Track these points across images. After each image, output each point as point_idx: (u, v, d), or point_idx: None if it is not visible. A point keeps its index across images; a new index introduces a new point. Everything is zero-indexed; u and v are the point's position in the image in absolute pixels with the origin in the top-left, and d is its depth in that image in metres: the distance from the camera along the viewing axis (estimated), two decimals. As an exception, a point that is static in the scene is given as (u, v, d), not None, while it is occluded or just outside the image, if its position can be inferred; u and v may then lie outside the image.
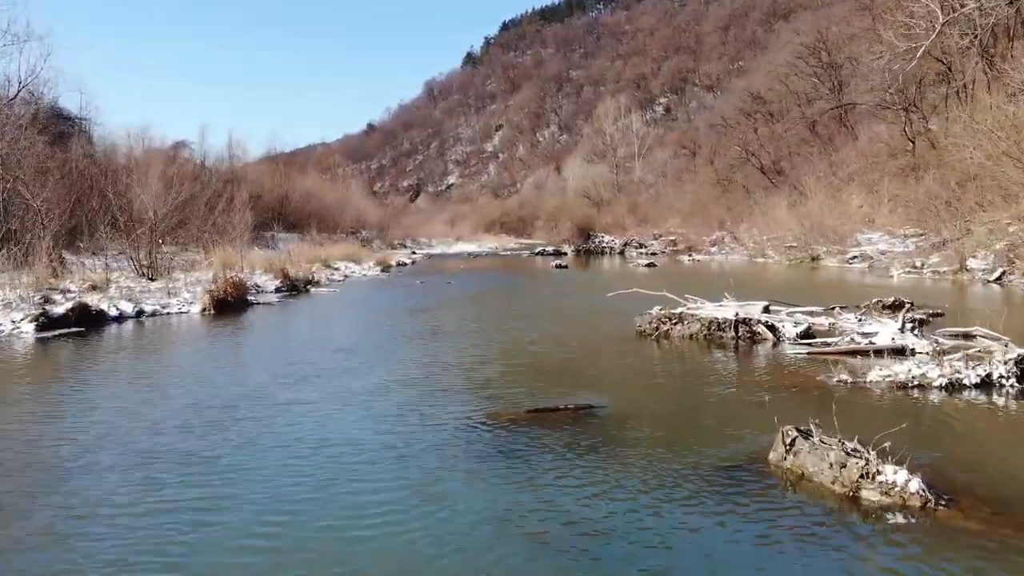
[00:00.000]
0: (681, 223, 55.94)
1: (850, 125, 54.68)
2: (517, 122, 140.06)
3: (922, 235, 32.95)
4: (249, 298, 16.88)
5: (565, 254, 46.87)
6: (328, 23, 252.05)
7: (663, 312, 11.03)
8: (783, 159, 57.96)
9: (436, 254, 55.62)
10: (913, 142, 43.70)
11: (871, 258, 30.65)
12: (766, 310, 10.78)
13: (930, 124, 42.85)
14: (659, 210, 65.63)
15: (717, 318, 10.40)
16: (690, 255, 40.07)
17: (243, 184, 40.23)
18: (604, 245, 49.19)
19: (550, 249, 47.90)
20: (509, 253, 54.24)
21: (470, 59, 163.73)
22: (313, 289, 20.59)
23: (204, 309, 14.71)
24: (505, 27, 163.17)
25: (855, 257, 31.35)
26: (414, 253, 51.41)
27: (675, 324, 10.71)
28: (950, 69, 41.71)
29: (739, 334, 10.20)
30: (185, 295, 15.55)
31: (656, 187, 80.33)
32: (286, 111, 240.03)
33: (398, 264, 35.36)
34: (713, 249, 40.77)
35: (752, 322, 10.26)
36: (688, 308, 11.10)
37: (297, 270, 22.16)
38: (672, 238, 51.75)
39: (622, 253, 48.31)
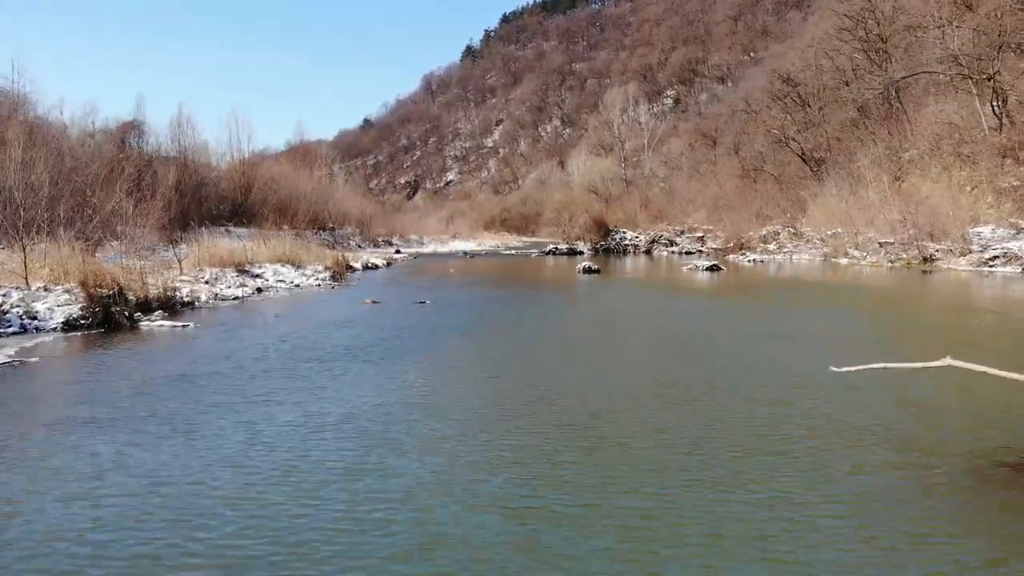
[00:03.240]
0: (706, 217, 46.79)
1: (903, 104, 45.00)
2: (518, 116, 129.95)
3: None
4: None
5: (581, 253, 37.10)
6: (323, 17, 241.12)
7: None
8: (820, 146, 48.94)
9: (426, 253, 45.87)
10: (1001, 119, 34.23)
11: (1020, 259, 20.97)
12: None
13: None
14: (678, 204, 56.89)
15: None
16: (743, 254, 30.31)
17: (172, 166, 30.63)
18: (627, 243, 39.35)
19: (563, 247, 38.11)
20: (514, 252, 44.43)
21: (469, 52, 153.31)
22: (151, 321, 10.78)
23: None
24: (506, 19, 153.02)
25: (995, 258, 21.64)
26: (398, 252, 41.67)
27: None
28: (1055, 26, 32.20)
29: None
30: None
31: (669, 180, 72.18)
32: (280, 108, 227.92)
33: (365, 267, 25.60)
34: (771, 247, 31.03)
35: None
36: None
37: (159, 283, 12.47)
38: (699, 235, 42.22)
39: (648, 252, 38.53)
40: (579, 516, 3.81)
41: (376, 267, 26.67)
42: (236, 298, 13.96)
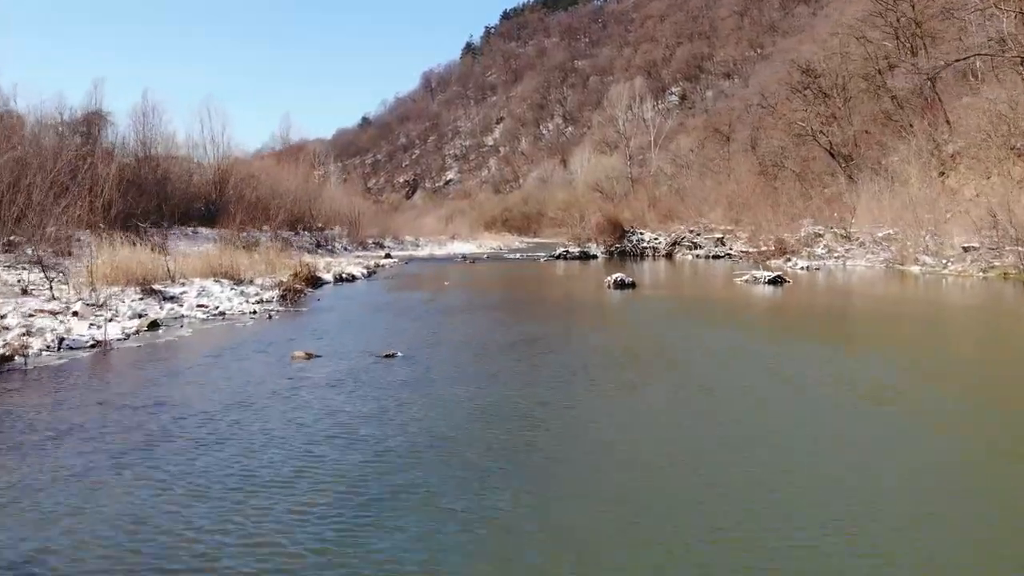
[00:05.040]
0: (723, 217, 42.16)
1: (938, 93, 40.12)
2: (519, 114, 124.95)
3: None
4: None
5: (595, 257, 32.21)
6: (322, 14, 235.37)
7: None
8: (847, 141, 44.29)
9: (421, 257, 41.02)
10: (1067, 105, 29.39)
11: None
12: None
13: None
14: (690, 203, 52.33)
15: None
16: (788, 260, 25.37)
17: (117, 157, 25.77)
18: (645, 245, 34.28)
19: (574, 250, 33.06)
20: (519, 256, 39.51)
21: (470, 49, 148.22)
22: None
23: None
24: (506, 16, 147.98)
25: None
26: (388, 256, 36.74)
27: None
28: None
29: None
30: None
31: (678, 179, 67.59)
32: (279, 107, 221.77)
33: (338, 279, 20.65)
34: (819, 251, 26.10)
35: None
36: None
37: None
38: (718, 236, 37.47)
39: (669, 256, 33.59)
40: None
41: (352, 279, 21.59)
42: (95, 344, 8.74)
